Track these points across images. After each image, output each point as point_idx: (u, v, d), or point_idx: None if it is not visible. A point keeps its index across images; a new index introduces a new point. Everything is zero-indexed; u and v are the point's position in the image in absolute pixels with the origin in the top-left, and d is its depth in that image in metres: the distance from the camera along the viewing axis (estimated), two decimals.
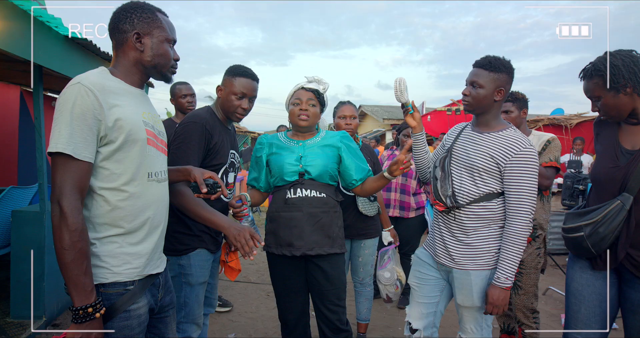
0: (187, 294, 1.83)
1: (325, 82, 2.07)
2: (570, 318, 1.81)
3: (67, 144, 1.11)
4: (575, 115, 9.77)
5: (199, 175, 1.47)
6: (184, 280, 1.83)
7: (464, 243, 1.79)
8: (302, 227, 1.92)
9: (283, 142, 2.08)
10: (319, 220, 1.94)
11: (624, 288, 1.67)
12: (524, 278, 2.44)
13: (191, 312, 1.85)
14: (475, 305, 1.79)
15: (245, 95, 1.89)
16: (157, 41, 1.31)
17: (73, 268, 1.09)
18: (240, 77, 1.89)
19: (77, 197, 1.12)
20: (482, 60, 1.77)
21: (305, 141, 2.05)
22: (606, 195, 1.64)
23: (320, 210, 1.95)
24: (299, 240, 1.92)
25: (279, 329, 3.16)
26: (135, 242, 1.25)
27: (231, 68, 1.94)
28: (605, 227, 1.59)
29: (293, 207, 1.94)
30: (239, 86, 1.87)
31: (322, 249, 1.93)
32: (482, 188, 1.75)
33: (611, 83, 1.57)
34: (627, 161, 1.61)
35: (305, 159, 1.98)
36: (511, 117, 2.51)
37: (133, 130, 1.23)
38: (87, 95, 1.14)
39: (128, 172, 1.23)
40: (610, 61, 1.57)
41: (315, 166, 1.96)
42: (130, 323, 1.23)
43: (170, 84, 1.46)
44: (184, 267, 1.82)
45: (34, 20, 2.44)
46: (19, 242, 2.80)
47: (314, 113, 2.02)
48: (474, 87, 1.75)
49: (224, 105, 1.92)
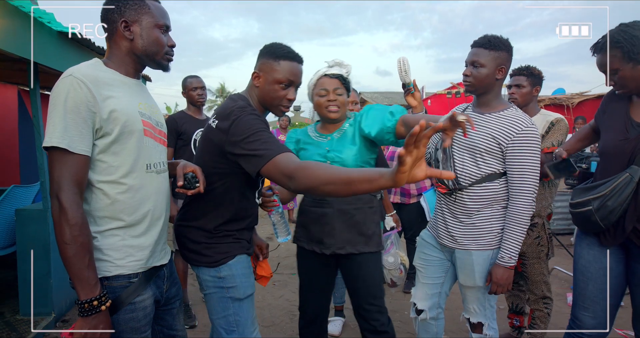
0: (237, 312, 1.52)
1: (346, 64, 1.90)
2: (577, 296, 1.81)
3: (61, 137, 1.10)
4: (577, 94, 9.68)
5: (180, 168, 1.40)
6: (228, 295, 1.52)
7: (466, 224, 1.79)
8: (333, 224, 1.82)
9: (311, 136, 1.96)
10: (351, 217, 1.83)
11: (631, 264, 1.67)
12: (529, 269, 2.41)
13: (246, 331, 1.55)
14: (477, 284, 1.80)
15: (292, 83, 1.52)
16: (146, 28, 1.27)
17: (75, 262, 1.09)
18: (284, 61, 1.50)
19: (75, 191, 1.11)
20: (481, 40, 1.76)
21: (333, 134, 1.91)
22: (614, 169, 1.63)
23: (352, 207, 1.83)
24: (329, 238, 1.83)
25: (286, 317, 3.21)
26: (137, 235, 1.25)
27: (270, 48, 1.54)
28: (614, 200, 1.58)
29: (324, 203, 1.84)
30: (285, 72, 1.49)
31: (355, 248, 1.83)
32: (484, 169, 1.74)
33: (630, 54, 1.54)
34: (637, 134, 1.60)
35: (332, 153, 1.85)
36: (522, 92, 2.39)
37: (129, 121, 1.21)
38: (80, 87, 1.12)
39: (126, 164, 1.21)
40: (629, 32, 1.55)
41: (342, 160, 1.82)
42: (136, 315, 1.23)
43: (168, 72, 1.40)
44: (225, 279, 1.51)
45: (26, 17, 2.41)
46: (24, 240, 2.82)
47: (343, 102, 1.87)
48: (475, 67, 1.74)
49: (264, 96, 1.54)
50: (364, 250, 1.83)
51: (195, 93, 3.08)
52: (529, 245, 2.37)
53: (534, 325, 2.47)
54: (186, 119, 3.01)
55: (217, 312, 1.57)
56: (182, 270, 3.09)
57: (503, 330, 2.74)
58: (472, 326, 1.89)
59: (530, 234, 2.36)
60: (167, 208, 1.39)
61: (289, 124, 6.52)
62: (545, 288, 2.44)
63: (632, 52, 1.54)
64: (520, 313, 2.68)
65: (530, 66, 2.44)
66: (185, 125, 2.98)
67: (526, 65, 2.47)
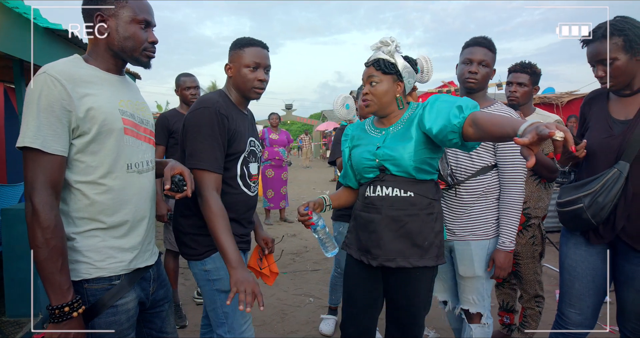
0: (223, 304, 1.58)
1: (388, 41, 1.60)
2: (564, 294, 1.83)
3: (34, 137, 1.06)
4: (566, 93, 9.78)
5: (167, 170, 1.33)
6: (214, 287, 1.58)
7: (463, 217, 1.88)
8: (381, 232, 1.57)
9: (367, 130, 1.73)
10: (403, 226, 1.56)
11: (618, 261, 1.68)
12: (523, 268, 2.42)
13: (235, 324, 1.59)
14: (477, 274, 1.87)
15: (259, 65, 1.62)
16: (123, 23, 1.21)
17: (47, 266, 1.06)
18: (248, 47, 1.62)
19: (49, 193, 1.07)
20: (485, 41, 1.87)
21: (389, 128, 1.64)
22: (602, 166, 1.64)
23: (405, 213, 1.56)
24: (376, 249, 1.58)
25: (277, 317, 3.19)
26: (118, 236, 1.21)
27: (236, 41, 1.67)
28: (604, 196, 1.59)
29: (372, 208, 1.60)
30: (250, 56, 1.61)
31: (407, 261, 1.55)
32: (477, 163, 1.84)
33: (633, 44, 1.53)
34: (622, 130, 1.62)
35: (382, 150, 1.58)
36: (523, 91, 2.36)
37: (107, 120, 1.16)
38: (54, 85, 1.08)
39: (105, 165, 1.17)
40: (630, 22, 1.54)
41: (394, 158, 1.54)
42: (119, 318, 1.20)
43: (149, 69, 1.34)
44: (210, 272, 1.58)
45: (10, 12, 2.36)
46: (10, 241, 2.77)
47: (378, 93, 1.59)
48: (483, 66, 1.85)
49: (238, 84, 1.64)
50: (417, 263, 1.55)
51: (189, 92, 3.05)
52: (524, 245, 2.37)
53: (526, 323, 2.49)
54: (178, 117, 2.98)
55: (208, 305, 1.65)
56: (173, 270, 3.06)
57: (493, 328, 2.75)
58: (470, 317, 1.94)
59: (525, 234, 2.36)
60: (152, 209, 1.35)
61: (279, 122, 6.48)
62: (538, 287, 2.46)
63: (635, 42, 1.52)
64: (510, 311, 2.70)
65: (532, 64, 2.39)
66: (178, 123, 2.95)
67: (528, 62, 2.41)
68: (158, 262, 1.42)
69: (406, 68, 1.60)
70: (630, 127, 1.59)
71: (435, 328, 2.88)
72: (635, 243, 1.59)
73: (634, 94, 1.62)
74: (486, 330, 1.93)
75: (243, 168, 1.65)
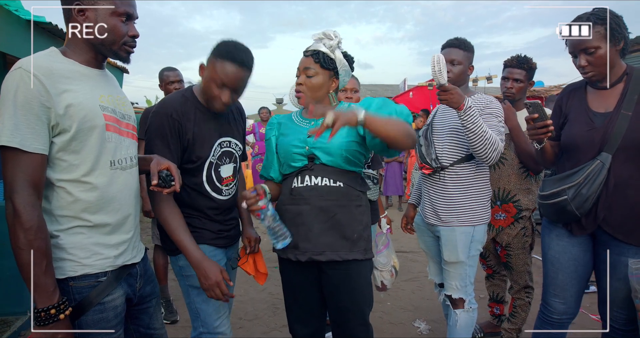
0: (195, 300, 1.58)
1: (332, 35, 1.57)
2: (548, 285, 1.86)
3: (11, 136, 1.02)
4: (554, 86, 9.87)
5: (154, 165, 1.29)
6: (188, 283, 1.58)
7: (449, 202, 1.96)
8: (310, 224, 1.51)
9: (294, 121, 1.68)
10: (332, 216, 1.51)
11: (599, 251, 1.70)
12: (513, 259, 2.45)
13: (208, 320, 1.58)
14: (460, 259, 1.94)
15: (225, 86, 1.48)
16: (102, 15, 1.17)
17: (31, 268, 1.03)
18: (225, 61, 1.46)
19: (30, 193, 1.04)
20: (457, 41, 2.01)
21: (319, 120, 1.60)
22: (584, 158, 1.65)
23: (334, 204, 1.51)
24: (305, 242, 1.52)
25: (269, 311, 3.20)
26: (103, 233, 1.19)
27: (220, 45, 1.50)
28: (588, 187, 1.60)
29: (300, 199, 1.53)
30: (221, 73, 1.46)
31: (336, 254, 1.51)
32: (462, 149, 1.94)
33: (614, 32, 1.54)
34: (603, 122, 1.63)
35: (313, 137, 1.52)
36: (519, 87, 2.36)
37: (88, 116, 1.13)
38: (31, 81, 1.04)
39: (87, 162, 1.14)
40: (612, 13, 1.54)
41: (325, 146, 1.51)
42: (106, 315, 1.19)
43: (128, 64, 1.30)
44: (183, 268, 1.58)
45: None
46: None
47: (312, 86, 1.56)
48: (455, 65, 1.99)
49: (204, 89, 1.53)
50: (347, 257, 1.51)
51: (172, 87, 3.00)
52: (515, 236, 2.40)
53: (515, 313, 2.52)
54: None
55: (185, 300, 1.67)
56: (162, 265, 3.04)
57: (483, 319, 2.79)
58: (454, 302, 2.01)
59: (516, 226, 2.39)
60: (136, 205, 1.32)
61: (270, 116, 6.44)
62: (528, 278, 2.49)
63: (616, 30, 1.54)
64: (500, 302, 2.73)
65: (528, 58, 2.37)
66: None
67: (524, 57, 2.39)
68: (144, 258, 1.40)
69: (344, 66, 1.58)
70: (612, 120, 1.60)
71: (427, 320, 2.91)
72: (616, 232, 1.61)
73: (612, 86, 1.64)
74: (471, 315, 2.01)
75: (211, 172, 1.59)
